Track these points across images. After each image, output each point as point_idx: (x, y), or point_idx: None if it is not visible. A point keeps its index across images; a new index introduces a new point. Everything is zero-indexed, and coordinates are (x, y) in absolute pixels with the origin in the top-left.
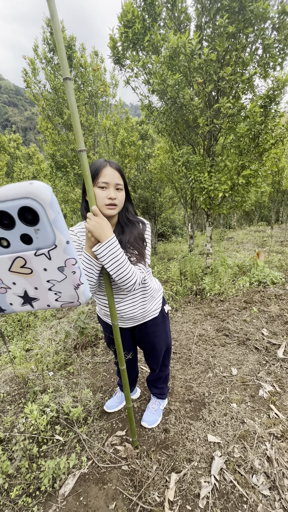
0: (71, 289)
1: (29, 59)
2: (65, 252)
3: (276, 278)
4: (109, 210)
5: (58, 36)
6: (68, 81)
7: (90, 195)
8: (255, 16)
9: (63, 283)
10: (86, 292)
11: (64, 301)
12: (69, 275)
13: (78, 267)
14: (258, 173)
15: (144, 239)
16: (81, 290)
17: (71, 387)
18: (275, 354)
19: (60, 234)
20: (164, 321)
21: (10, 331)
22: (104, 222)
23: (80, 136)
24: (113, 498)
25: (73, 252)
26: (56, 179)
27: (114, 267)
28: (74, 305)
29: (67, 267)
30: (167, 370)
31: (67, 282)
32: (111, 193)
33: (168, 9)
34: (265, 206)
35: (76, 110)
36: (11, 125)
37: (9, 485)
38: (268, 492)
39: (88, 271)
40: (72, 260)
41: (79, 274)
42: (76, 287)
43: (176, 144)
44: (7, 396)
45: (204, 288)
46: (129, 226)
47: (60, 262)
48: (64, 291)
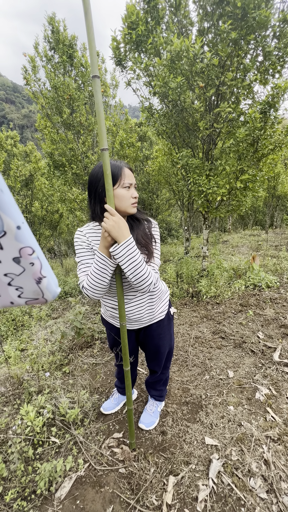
0: (33, 284)
1: (29, 57)
2: (17, 239)
3: (271, 282)
4: (134, 209)
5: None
6: (96, 79)
7: (110, 195)
8: (257, 23)
9: (22, 276)
10: (51, 288)
11: (28, 298)
12: (27, 267)
13: (37, 257)
14: (256, 178)
15: (152, 236)
16: (44, 285)
17: (67, 388)
18: (271, 357)
19: (8, 217)
20: (169, 323)
21: (4, 331)
22: (122, 222)
23: (104, 135)
24: (110, 502)
25: (28, 239)
26: (54, 178)
27: (131, 268)
28: (40, 302)
29: (23, 258)
30: (168, 372)
31: (27, 276)
32: (134, 192)
33: (171, 13)
34: (260, 210)
35: (102, 109)
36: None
37: (4, 488)
38: (265, 495)
39: (102, 271)
40: (28, 249)
41: (39, 266)
42: (38, 281)
43: (175, 147)
44: (2, 397)
45: (200, 291)
46: (136, 223)
47: (14, 252)
48: (26, 286)
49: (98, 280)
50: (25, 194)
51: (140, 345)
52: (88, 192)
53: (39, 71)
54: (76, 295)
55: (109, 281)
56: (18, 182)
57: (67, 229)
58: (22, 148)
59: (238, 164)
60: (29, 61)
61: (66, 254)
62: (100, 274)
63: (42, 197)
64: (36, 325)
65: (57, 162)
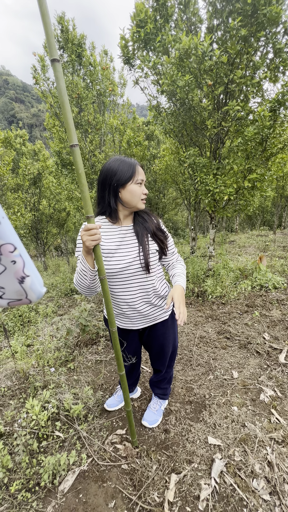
0: (15, 284)
1: (38, 56)
2: None
3: (278, 283)
4: (143, 205)
5: (43, 8)
6: (56, 63)
7: (85, 196)
8: (268, 20)
9: (3, 276)
10: (35, 288)
11: (10, 299)
12: (8, 266)
13: (19, 255)
14: (264, 177)
15: (163, 231)
16: (27, 284)
17: (71, 384)
18: (277, 359)
19: None
20: (174, 322)
21: (11, 326)
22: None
23: (72, 129)
24: (113, 497)
25: (8, 235)
26: (62, 177)
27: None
28: (24, 303)
29: (4, 256)
30: (172, 371)
31: (8, 275)
32: (145, 189)
33: (180, 10)
34: (268, 210)
35: (66, 98)
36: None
37: (9, 479)
38: (268, 497)
39: (83, 274)
40: (9, 246)
41: (22, 265)
42: (21, 281)
43: (183, 146)
44: (8, 391)
45: (206, 290)
46: (146, 216)
47: None
48: (8, 286)
49: (80, 280)
50: (33, 192)
51: (144, 345)
52: (101, 186)
53: (48, 71)
54: None
55: (90, 283)
56: (27, 180)
57: (74, 227)
58: (31, 146)
59: (246, 163)
60: (38, 60)
61: (73, 252)
62: (81, 276)
63: (50, 195)
64: (42, 322)
65: (65, 160)
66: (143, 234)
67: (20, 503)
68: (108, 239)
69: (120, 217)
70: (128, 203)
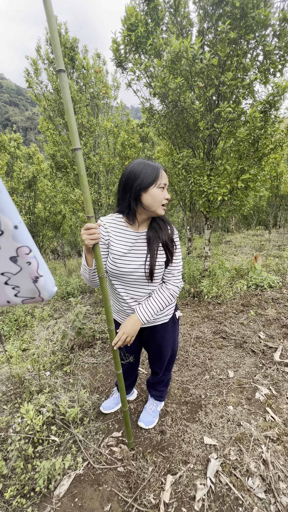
0: (30, 283)
1: (31, 60)
2: (15, 239)
3: (274, 282)
4: (163, 211)
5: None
6: (62, 74)
7: (86, 197)
8: (256, 23)
9: (19, 275)
10: (48, 287)
11: (24, 297)
12: (24, 267)
13: (34, 256)
14: (257, 178)
15: (174, 243)
16: (41, 284)
17: (67, 388)
18: (272, 357)
19: (5, 217)
20: (174, 326)
21: (6, 331)
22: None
23: (75, 134)
24: (109, 500)
25: (25, 239)
26: (56, 180)
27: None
28: (36, 301)
29: (20, 257)
30: (169, 374)
31: (24, 275)
32: (167, 194)
33: (171, 14)
34: (263, 210)
35: (71, 105)
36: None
37: (4, 485)
38: (263, 495)
39: (84, 267)
40: (25, 248)
41: (36, 265)
42: (35, 280)
43: (176, 147)
44: (3, 396)
45: (202, 291)
46: (162, 224)
47: (11, 251)
48: (22, 285)
49: (83, 273)
50: (28, 195)
51: (143, 345)
52: (123, 188)
53: (41, 74)
54: (78, 295)
55: (90, 277)
56: (21, 184)
57: (70, 230)
58: (25, 150)
59: (239, 164)
60: (31, 64)
61: (69, 255)
62: (83, 270)
63: (45, 199)
64: (39, 325)
65: (59, 163)
66: (154, 243)
67: (15, 509)
68: (121, 241)
69: (138, 220)
70: (149, 207)
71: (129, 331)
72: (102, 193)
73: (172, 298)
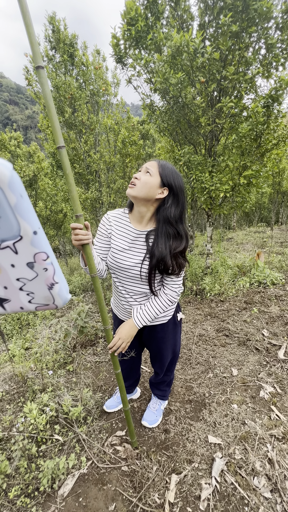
0: (45, 289)
1: (30, 57)
2: (33, 244)
3: (276, 279)
4: (129, 189)
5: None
6: (40, 70)
7: (73, 195)
8: (258, 15)
9: (34, 282)
10: (63, 294)
11: (38, 303)
12: (40, 273)
13: (51, 263)
14: (260, 174)
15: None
16: (56, 290)
17: (70, 386)
18: (276, 355)
19: (25, 222)
20: (175, 328)
21: (9, 330)
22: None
23: (58, 131)
24: (113, 499)
25: (43, 245)
26: (57, 178)
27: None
28: (50, 308)
29: (37, 263)
30: (172, 375)
31: (39, 281)
32: (138, 174)
33: (171, 8)
34: (265, 207)
35: (52, 102)
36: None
37: (8, 485)
38: (269, 495)
39: (80, 260)
40: (42, 254)
41: (53, 272)
42: (50, 287)
43: (177, 144)
44: (6, 395)
45: (204, 288)
46: (171, 230)
47: (28, 257)
48: (37, 291)
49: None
50: (29, 194)
51: (144, 345)
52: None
53: None
54: (80, 293)
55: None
56: (23, 183)
57: (71, 229)
58: (26, 148)
59: (241, 160)
60: (30, 61)
61: (71, 254)
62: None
63: (46, 197)
64: (41, 324)
65: (60, 161)
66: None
67: (19, 509)
68: (122, 236)
69: (135, 213)
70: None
71: (124, 336)
72: (103, 191)
73: (170, 303)
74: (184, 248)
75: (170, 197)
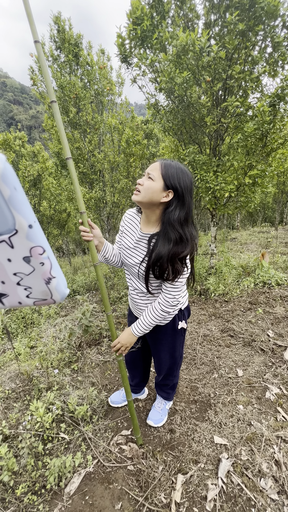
0: (42, 284)
1: (35, 57)
2: (28, 238)
3: (281, 280)
4: (133, 196)
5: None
6: (54, 104)
7: (78, 196)
8: (266, 13)
9: (31, 276)
10: (60, 288)
11: (36, 298)
12: (37, 267)
13: (47, 257)
14: (265, 173)
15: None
16: (53, 285)
17: (75, 385)
18: (282, 356)
19: (20, 215)
20: (174, 334)
21: (14, 328)
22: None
23: (66, 146)
24: (119, 498)
25: (39, 238)
26: (61, 177)
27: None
28: (48, 303)
29: (34, 257)
30: (175, 380)
31: (36, 276)
32: (141, 180)
33: (177, 6)
34: (269, 207)
35: (62, 128)
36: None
37: (15, 482)
38: (276, 496)
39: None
40: (39, 248)
41: (49, 266)
42: (47, 282)
43: (182, 143)
44: (12, 393)
45: (208, 288)
46: (173, 234)
47: (24, 251)
48: (35, 286)
49: None
50: (33, 194)
51: (147, 341)
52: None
53: None
54: (84, 293)
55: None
56: (27, 182)
57: (75, 228)
58: (30, 148)
59: (246, 160)
60: (35, 61)
61: (74, 253)
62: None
63: (50, 197)
64: (45, 323)
65: (64, 161)
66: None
67: (27, 506)
68: (130, 235)
69: (143, 215)
70: None
71: (124, 342)
72: (106, 190)
73: (162, 313)
74: (187, 254)
75: (175, 200)
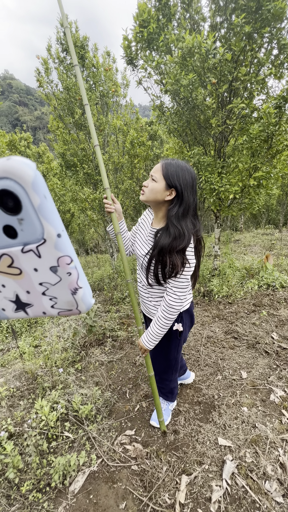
0: (68, 295)
1: (42, 59)
2: (57, 248)
3: (286, 282)
4: (141, 195)
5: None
6: (87, 107)
7: (103, 176)
8: (272, 15)
9: (58, 286)
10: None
11: (61, 308)
12: (64, 277)
13: (75, 267)
14: (270, 175)
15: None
16: (79, 296)
17: (80, 385)
18: (286, 359)
19: (49, 224)
20: (169, 335)
21: (18, 327)
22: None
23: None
24: (123, 498)
25: (66, 248)
26: (66, 178)
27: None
28: (73, 314)
29: (61, 267)
30: (171, 384)
31: (63, 286)
32: (146, 182)
33: (183, 9)
34: (273, 209)
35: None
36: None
37: (20, 479)
38: (281, 499)
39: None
40: (66, 258)
41: (76, 276)
42: (74, 292)
43: (187, 145)
44: (17, 391)
45: (212, 290)
46: (175, 231)
47: (52, 261)
48: (60, 296)
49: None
50: None
51: None
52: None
53: (51, 73)
54: None
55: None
56: None
57: (78, 229)
58: (35, 149)
59: (251, 161)
60: (42, 63)
61: (77, 253)
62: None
63: (54, 197)
64: (49, 322)
65: (69, 162)
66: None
67: (32, 504)
68: (142, 230)
69: (153, 211)
70: None
71: (141, 346)
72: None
73: (167, 308)
74: (183, 246)
75: (176, 197)
